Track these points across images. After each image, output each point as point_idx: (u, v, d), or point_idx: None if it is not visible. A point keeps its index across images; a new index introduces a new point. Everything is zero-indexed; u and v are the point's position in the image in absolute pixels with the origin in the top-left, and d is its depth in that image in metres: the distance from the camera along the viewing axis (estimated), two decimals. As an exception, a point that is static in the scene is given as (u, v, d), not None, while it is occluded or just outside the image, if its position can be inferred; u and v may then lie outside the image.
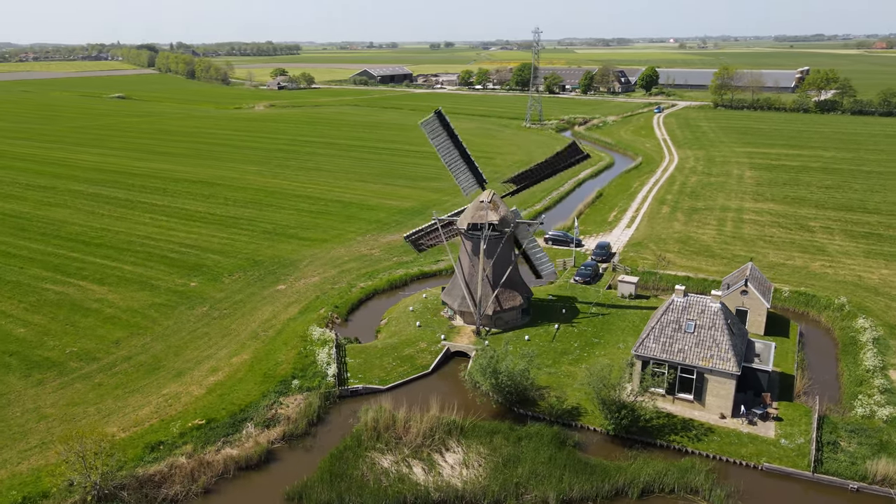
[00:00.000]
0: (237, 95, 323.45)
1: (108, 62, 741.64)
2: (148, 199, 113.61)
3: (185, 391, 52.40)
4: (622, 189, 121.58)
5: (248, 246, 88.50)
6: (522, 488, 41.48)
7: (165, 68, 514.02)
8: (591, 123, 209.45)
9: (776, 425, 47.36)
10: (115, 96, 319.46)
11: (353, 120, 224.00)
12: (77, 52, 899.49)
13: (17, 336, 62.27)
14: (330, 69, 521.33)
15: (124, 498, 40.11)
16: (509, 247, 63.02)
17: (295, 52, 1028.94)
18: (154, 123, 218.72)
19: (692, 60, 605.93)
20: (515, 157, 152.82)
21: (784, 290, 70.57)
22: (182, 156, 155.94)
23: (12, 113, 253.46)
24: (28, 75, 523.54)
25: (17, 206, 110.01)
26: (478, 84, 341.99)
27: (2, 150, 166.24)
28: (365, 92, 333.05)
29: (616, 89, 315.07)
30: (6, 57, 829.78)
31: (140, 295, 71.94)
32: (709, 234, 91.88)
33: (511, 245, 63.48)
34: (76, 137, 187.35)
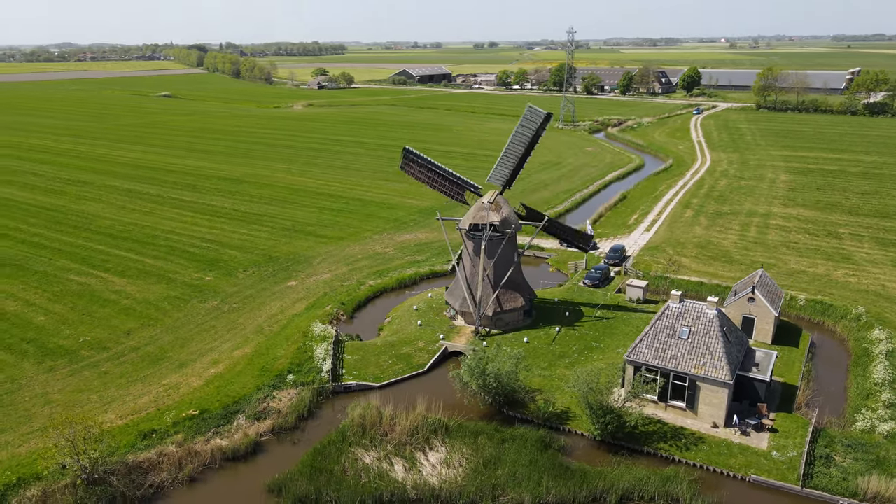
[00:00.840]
0: (278, 95, 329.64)
1: (160, 62, 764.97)
2: (178, 195, 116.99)
3: (184, 382, 53.94)
4: (647, 192, 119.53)
5: (266, 242, 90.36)
6: (500, 490, 41.41)
7: (213, 68, 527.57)
8: (625, 125, 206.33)
9: (770, 437, 46.06)
10: (162, 95, 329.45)
11: (387, 119, 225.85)
12: (132, 52, 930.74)
13: (37, 324, 65.06)
14: (370, 69, 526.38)
15: (113, 483, 41.58)
16: (511, 248, 62.80)
17: (340, 52, 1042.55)
18: (195, 122, 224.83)
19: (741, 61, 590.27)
20: (543, 159, 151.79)
21: (800, 299, 68.42)
22: (217, 153, 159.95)
23: (63, 111, 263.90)
24: (84, 74, 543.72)
25: (56, 199, 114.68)
26: (515, 84, 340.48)
27: (49, 146, 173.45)
28: (402, 92, 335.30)
29: (656, 90, 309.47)
30: (65, 56, 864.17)
31: (157, 287, 74.25)
32: (730, 239, 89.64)
33: (513, 246, 63.25)
34: (120, 134, 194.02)
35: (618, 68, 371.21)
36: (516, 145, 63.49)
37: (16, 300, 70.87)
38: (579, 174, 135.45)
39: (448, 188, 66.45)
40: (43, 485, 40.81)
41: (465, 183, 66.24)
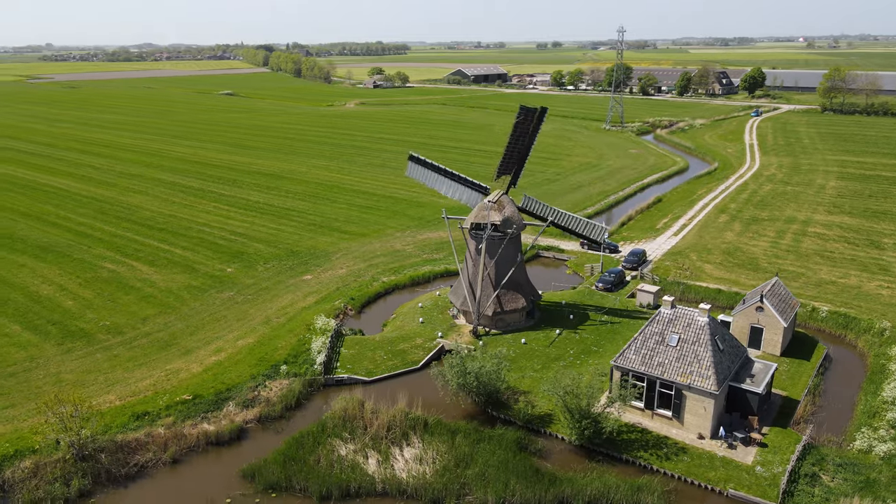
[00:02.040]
0: (334, 93, 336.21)
1: (230, 61, 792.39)
2: (218, 190, 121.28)
3: (185, 368, 56.13)
4: (684, 195, 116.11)
5: (291, 237, 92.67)
6: (466, 489, 41.39)
7: (276, 67, 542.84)
8: (676, 126, 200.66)
9: (758, 451, 44.28)
10: (224, 93, 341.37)
11: (434, 119, 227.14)
12: (205, 52, 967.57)
13: (65, 307, 68.90)
14: (427, 68, 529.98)
15: (101, 460, 43.76)
16: (514, 248, 62.38)
17: (402, 51, 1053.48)
18: (249, 119, 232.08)
19: (815, 61, 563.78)
20: (583, 160, 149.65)
21: (822, 310, 65.25)
22: (263, 149, 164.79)
23: (131, 107, 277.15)
24: (157, 73, 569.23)
25: (105, 191, 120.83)
26: (569, 85, 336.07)
27: (111, 140, 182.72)
28: (455, 91, 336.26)
29: (716, 91, 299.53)
30: (143, 56, 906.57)
31: (180, 277, 77.35)
32: (761, 246, 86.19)
33: (516, 246, 62.80)
34: (177, 130, 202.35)
35: (675, 68, 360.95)
36: (514, 143, 62.86)
37: (51, 284, 75.21)
38: (617, 176, 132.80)
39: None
40: (36, 458, 43.34)
41: (471, 184, 66.16)
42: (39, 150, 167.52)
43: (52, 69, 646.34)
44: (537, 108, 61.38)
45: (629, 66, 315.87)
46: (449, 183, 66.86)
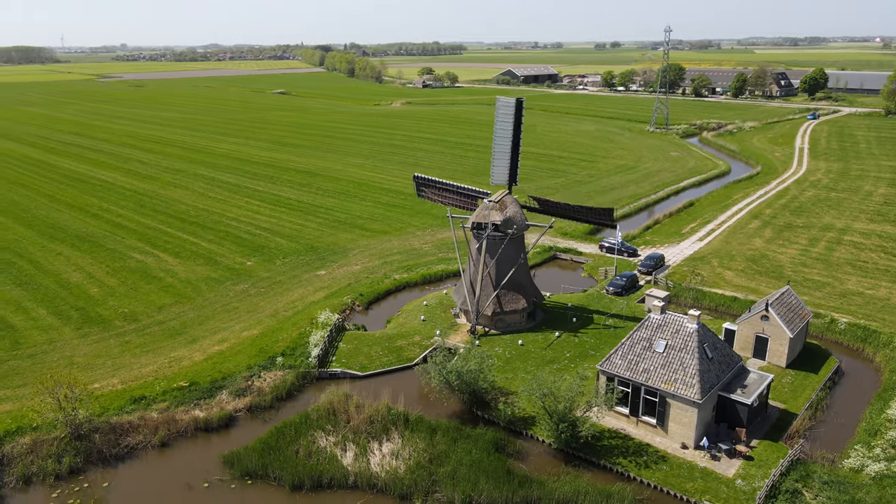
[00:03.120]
0: (383, 93, 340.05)
1: (288, 61, 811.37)
2: (252, 185, 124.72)
3: (188, 356, 58.16)
4: (718, 199, 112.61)
5: (314, 232, 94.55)
6: (436, 486, 41.54)
7: (331, 67, 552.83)
8: (724, 129, 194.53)
9: (742, 464, 42.81)
10: (277, 92, 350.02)
11: (475, 118, 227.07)
12: (266, 52, 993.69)
13: (90, 294, 72.34)
14: (480, 69, 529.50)
15: (95, 440, 45.88)
16: (515, 248, 62.01)
17: (458, 51, 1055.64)
18: (295, 117, 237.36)
19: (891, 62, 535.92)
20: (620, 162, 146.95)
21: (841, 322, 62.38)
22: (303, 147, 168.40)
23: (188, 105, 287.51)
24: (219, 73, 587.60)
25: (148, 185, 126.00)
26: (620, 85, 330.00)
27: (162, 136, 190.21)
28: (504, 91, 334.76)
29: (773, 93, 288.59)
30: (207, 56, 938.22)
31: (201, 269, 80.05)
32: (789, 254, 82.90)
33: (518, 247, 62.41)
34: (225, 128, 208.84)
35: (730, 69, 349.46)
36: (501, 140, 62.71)
37: (81, 272, 79.08)
38: (652, 179, 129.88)
39: (463, 202, 66.52)
40: (35, 435, 45.78)
41: (476, 193, 65.96)
42: (96, 145, 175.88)
43: (122, 69, 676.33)
44: (514, 100, 60.95)
45: (681, 67, 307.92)
46: (455, 197, 66.91)
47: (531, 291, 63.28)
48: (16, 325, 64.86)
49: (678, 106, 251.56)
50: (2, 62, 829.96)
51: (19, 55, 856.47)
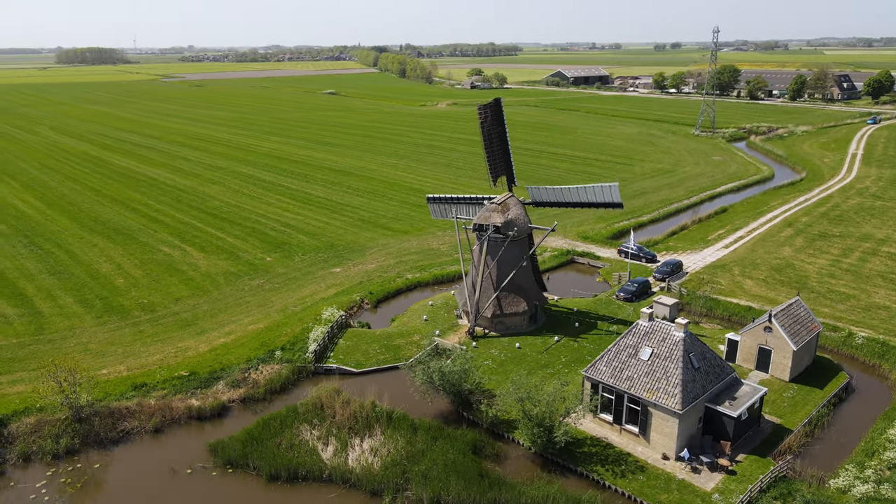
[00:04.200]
0: (431, 93, 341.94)
1: (344, 62, 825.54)
2: (286, 183, 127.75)
3: (194, 347, 60.23)
4: (754, 206, 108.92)
5: (336, 230, 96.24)
6: (408, 484, 41.86)
7: (384, 67, 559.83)
8: (774, 133, 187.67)
9: (724, 478, 41.54)
10: (327, 92, 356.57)
11: (518, 120, 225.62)
12: (323, 53, 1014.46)
13: (115, 284, 75.72)
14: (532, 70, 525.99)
15: (94, 423, 48.14)
16: (517, 251, 61.70)
17: (513, 52, 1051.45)
18: (340, 117, 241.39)
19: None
20: (657, 166, 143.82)
21: (858, 336, 59.62)
22: (341, 146, 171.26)
23: (240, 104, 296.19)
24: (277, 73, 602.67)
25: (188, 181, 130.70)
26: (671, 87, 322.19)
27: (209, 134, 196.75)
28: (551, 93, 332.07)
29: (834, 96, 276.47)
30: (267, 57, 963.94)
31: (223, 263, 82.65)
32: (818, 264, 79.57)
33: (520, 250, 62.06)
34: (271, 127, 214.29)
35: (789, 71, 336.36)
36: (489, 143, 62.71)
37: (111, 263, 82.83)
38: (687, 184, 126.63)
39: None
40: (40, 416, 48.36)
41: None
42: (148, 142, 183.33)
43: (186, 69, 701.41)
44: (491, 101, 60.54)
45: (736, 69, 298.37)
46: (466, 207, 66.78)
47: (533, 294, 62.85)
48: (43, 311, 68.48)
49: (729, 109, 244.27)
50: (77, 62, 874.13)
51: (93, 56, 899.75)
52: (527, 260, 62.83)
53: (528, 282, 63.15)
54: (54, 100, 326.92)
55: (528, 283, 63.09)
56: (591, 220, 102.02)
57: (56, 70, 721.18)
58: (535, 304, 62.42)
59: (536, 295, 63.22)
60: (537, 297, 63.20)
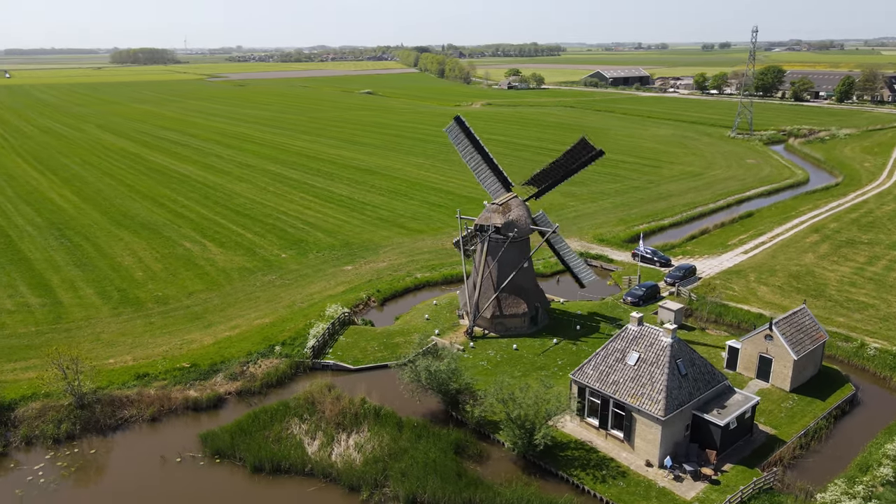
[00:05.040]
0: (467, 94, 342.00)
1: (385, 62, 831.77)
2: (312, 182, 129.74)
3: (199, 340, 61.84)
4: (782, 211, 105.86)
5: (353, 229, 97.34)
6: (386, 481, 42.22)
7: (423, 68, 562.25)
8: (815, 136, 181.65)
9: (706, 488, 40.70)
10: (364, 92, 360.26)
11: (549, 121, 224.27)
12: (366, 53, 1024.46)
13: (134, 277, 78.23)
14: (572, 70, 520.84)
15: (95, 410, 49.94)
16: (518, 252, 61.46)
17: (556, 53, 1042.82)
18: (374, 116, 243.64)
19: None
20: (687, 168, 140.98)
21: (870, 347, 57.55)
22: (370, 145, 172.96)
23: (279, 104, 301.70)
24: (319, 73, 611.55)
25: (217, 178, 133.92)
26: (713, 88, 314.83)
27: (243, 133, 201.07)
28: (588, 94, 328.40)
29: (884, 98, 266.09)
30: (311, 57, 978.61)
31: (239, 258, 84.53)
32: (840, 272, 76.96)
33: (521, 251, 61.81)
34: (305, 126, 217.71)
35: (843, 72, 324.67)
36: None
37: (133, 256, 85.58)
38: (715, 187, 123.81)
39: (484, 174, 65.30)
40: (45, 401, 50.40)
41: (497, 172, 64.86)
42: (185, 140, 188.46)
43: (231, 69, 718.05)
44: (596, 149, 60.32)
45: (781, 69, 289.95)
46: (479, 161, 65.41)
47: (534, 296, 62.52)
48: (63, 301, 71.23)
49: (771, 111, 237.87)
50: (129, 62, 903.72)
51: (145, 56, 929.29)
52: (528, 261, 62.51)
53: (530, 284, 62.81)
54: (104, 98, 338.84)
55: (530, 284, 62.75)
56: (612, 221, 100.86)
57: (110, 70, 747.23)
58: (535, 306, 62.08)
59: (538, 297, 62.85)
60: (539, 299, 62.82)
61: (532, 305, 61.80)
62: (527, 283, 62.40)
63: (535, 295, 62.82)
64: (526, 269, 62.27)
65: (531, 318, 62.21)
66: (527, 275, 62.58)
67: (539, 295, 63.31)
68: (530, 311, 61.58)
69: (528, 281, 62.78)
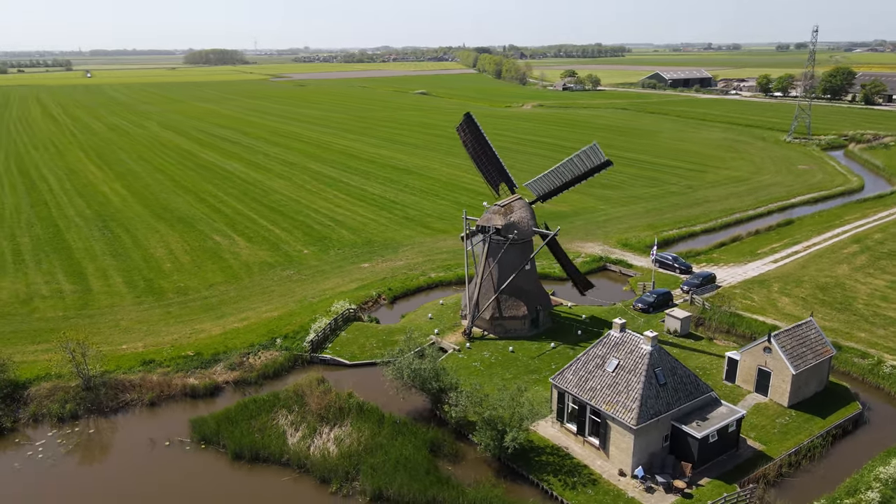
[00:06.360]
0: (521, 95, 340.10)
1: (446, 63, 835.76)
2: (348, 180, 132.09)
3: (208, 330, 64.14)
4: (825, 219, 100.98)
5: (378, 227, 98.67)
6: (357, 475, 42.87)
7: (481, 68, 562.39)
8: (879, 142, 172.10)
9: (677, 501, 39.56)
10: (418, 92, 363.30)
11: (598, 122, 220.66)
12: (427, 53, 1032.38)
13: (161, 268, 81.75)
14: (633, 71, 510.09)
15: (100, 392, 52.64)
16: (519, 254, 61.04)
17: (620, 54, 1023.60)
18: (422, 117, 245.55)
19: None
20: (732, 173, 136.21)
21: (887, 365, 54.45)
22: (412, 145, 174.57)
23: (333, 103, 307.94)
24: (378, 73, 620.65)
25: (258, 175, 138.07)
26: (777, 90, 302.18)
27: (292, 131, 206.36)
28: (645, 96, 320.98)
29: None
30: (373, 58, 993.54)
31: (263, 253, 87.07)
32: (873, 285, 72.99)
33: (523, 253, 61.34)
34: (353, 125, 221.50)
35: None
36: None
37: (165, 248, 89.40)
38: (758, 193, 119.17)
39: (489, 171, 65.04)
40: (55, 382, 53.45)
41: (504, 174, 64.61)
42: (237, 137, 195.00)
43: (296, 69, 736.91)
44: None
45: (851, 71, 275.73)
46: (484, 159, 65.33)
47: (535, 299, 61.98)
48: (93, 288, 75.17)
49: (837, 114, 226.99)
50: (201, 63, 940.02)
51: (216, 57, 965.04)
52: (530, 263, 62.03)
53: (531, 286, 62.29)
54: (170, 97, 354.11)
55: (531, 286, 62.24)
56: (640, 226, 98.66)
57: (182, 70, 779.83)
58: (536, 309, 61.53)
59: (539, 299, 62.27)
60: (540, 301, 62.24)
61: (532, 308, 61.29)
62: (528, 285, 61.93)
63: (537, 298, 62.27)
64: (528, 271, 61.82)
65: (532, 320, 61.69)
66: (529, 277, 62.11)
67: (541, 298, 62.72)
68: (530, 313, 61.09)
69: (530, 283, 62.29)
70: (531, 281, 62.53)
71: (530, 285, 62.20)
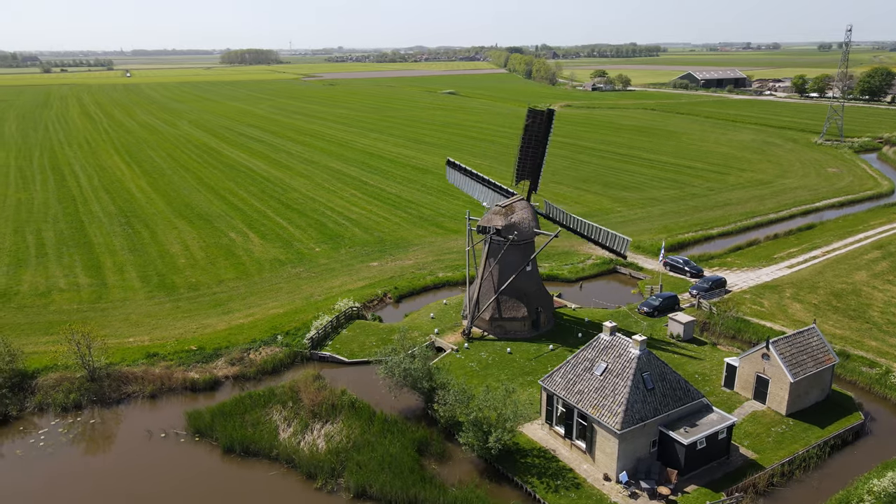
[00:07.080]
0: (549, 95, 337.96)
1: (477, 62, 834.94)
2: (366, 179, 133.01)
3: (213, 325, 65.31)
4: (848, 224, 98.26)
5: (391, 226, 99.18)
6: (342, 471, 43.27)
7: (512, 68, 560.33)
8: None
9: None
10: (446, 92, 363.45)
11: (625, 124, 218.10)
12: (459, 53, 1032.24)
13: (176, 263, 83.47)
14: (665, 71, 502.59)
15: (104, 384, 54.07)
16: (520, 255, 60.77)
17: (654, 53, 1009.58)
18: (447, 116, 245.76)
19: None
20: (757, 176, 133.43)
21: (894, 375, 52.80)
22: (434, 145, 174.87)
23: (359, 103, 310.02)
24: (409, 73, 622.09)
25: (279, 173, 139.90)
26: (812, 91, 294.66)
27: (317, 130, 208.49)
28: (675, 96, 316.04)
29: None
30: (405, 57, 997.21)
31: (275, 250, 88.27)
32: (892, 292, 70.87)
33: (524, 254, 61.05)
34: (377, 125, 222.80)
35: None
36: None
37: (181, 244, 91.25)
38: (781, 197, 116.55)
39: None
40: (62, 373, 55.04)
41: (499, 189, 65.21)
42: (262, 136, 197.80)
43: (328, 69, 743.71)
44: (545, 111, 59.20)
45: (890, 71, 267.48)
46: (480, 187, 67.08)
47: (536, 300, 61.63)
48: (109, 283, 77.13)
49: (874, 116, 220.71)
50: (236, 62, 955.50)
51: (252, 57, 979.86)
52: (531, 264, 61.72)
53: (532, 287, 61.97)
54: (203, 97, 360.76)
55: (532, 288, 61.91)
56: (655, 229, 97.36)
57: (218, 70, 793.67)
58: (536, 311, 61.20)
59: (541, 301, 61.92)
60: (542, 303, 61.90)
61: (533, 310, 60.99)
62: (529, 286, 61.62)
63: (538, 299, 61.92)
64: (529, 272, 61.53)
65: (532, 322, 61.38)
66: (530, 278, 61.81)
67: (543, 299, 62.36)
68: (531, 315, 60.80)
69: (531, 285, 61.96)
70: (533, 282, 62.19)
71: (532, 287, 61.87)
